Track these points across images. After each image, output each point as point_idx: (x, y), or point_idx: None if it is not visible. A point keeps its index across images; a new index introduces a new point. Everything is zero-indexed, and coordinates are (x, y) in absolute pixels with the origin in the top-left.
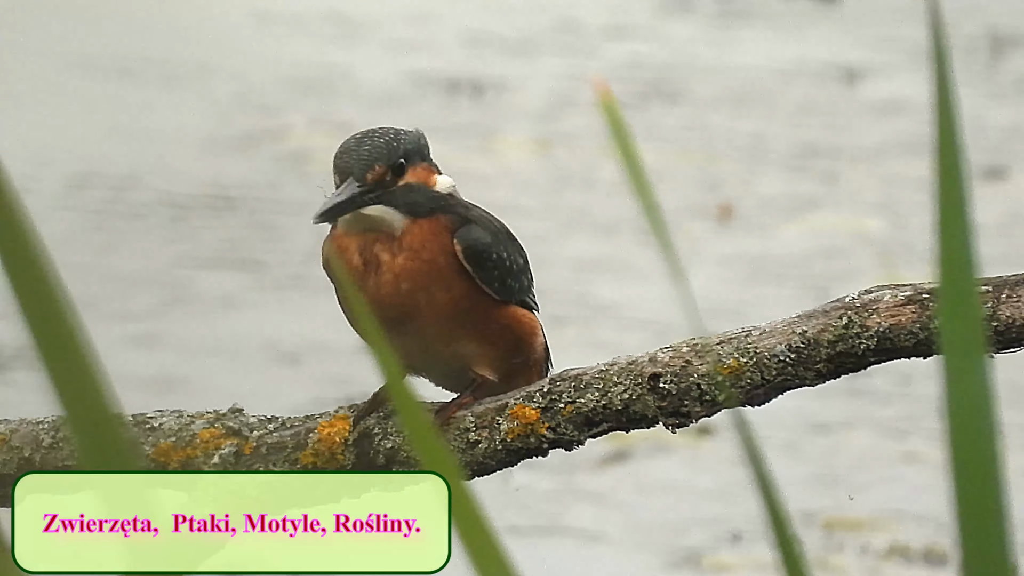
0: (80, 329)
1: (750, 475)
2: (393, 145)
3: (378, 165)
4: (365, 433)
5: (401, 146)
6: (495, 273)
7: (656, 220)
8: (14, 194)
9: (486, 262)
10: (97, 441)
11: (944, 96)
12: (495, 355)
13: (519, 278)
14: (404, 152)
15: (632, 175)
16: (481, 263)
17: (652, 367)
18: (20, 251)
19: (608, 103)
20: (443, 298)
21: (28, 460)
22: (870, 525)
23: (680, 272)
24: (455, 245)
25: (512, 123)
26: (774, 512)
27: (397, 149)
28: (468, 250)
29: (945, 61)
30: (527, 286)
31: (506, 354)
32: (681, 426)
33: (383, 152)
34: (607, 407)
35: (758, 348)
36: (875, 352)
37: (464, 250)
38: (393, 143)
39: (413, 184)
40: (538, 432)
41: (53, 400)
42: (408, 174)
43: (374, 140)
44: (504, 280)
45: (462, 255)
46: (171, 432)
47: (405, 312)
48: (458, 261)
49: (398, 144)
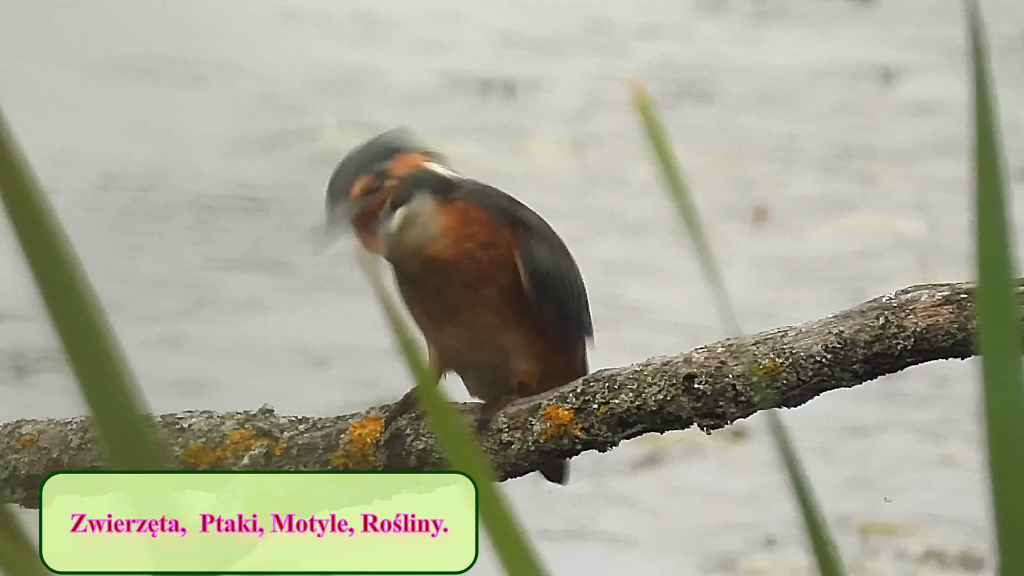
0: (107, 331)
1: (784, 478)
2: (365, 156)
3: (358, 179)
4: (397, 434)
5: (373, 152)
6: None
7: (691, 221)
8: (41, 195)
9: (550, 292)
10: (125, 442)
11: (982, 95)
12: (537, 355)
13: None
14: (376, 155)
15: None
16: (546, 295)
17: (687, 368)
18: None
19: (643, 103)
20: (491, 289)
21: (56, 461)
22: (906, 529)
23: (715, 273)
24: (521, 269)
25: (543, 123)
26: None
27: (369, 158)
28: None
29: (983, 60)
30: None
31: (547, 354)
32: (716, 427)
33: (357, 166)
34: (641, 408)
35: (794, 349)
36: (912, 353)
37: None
38: (365, 154)
39: (405, 175)
40: (571, 433)
41: (81, 401)
42: (395, 168)
43: (345, 163)
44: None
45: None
46: (201, 433)
47: (451, 304)
48: (509, 254)
49: (369, 153)
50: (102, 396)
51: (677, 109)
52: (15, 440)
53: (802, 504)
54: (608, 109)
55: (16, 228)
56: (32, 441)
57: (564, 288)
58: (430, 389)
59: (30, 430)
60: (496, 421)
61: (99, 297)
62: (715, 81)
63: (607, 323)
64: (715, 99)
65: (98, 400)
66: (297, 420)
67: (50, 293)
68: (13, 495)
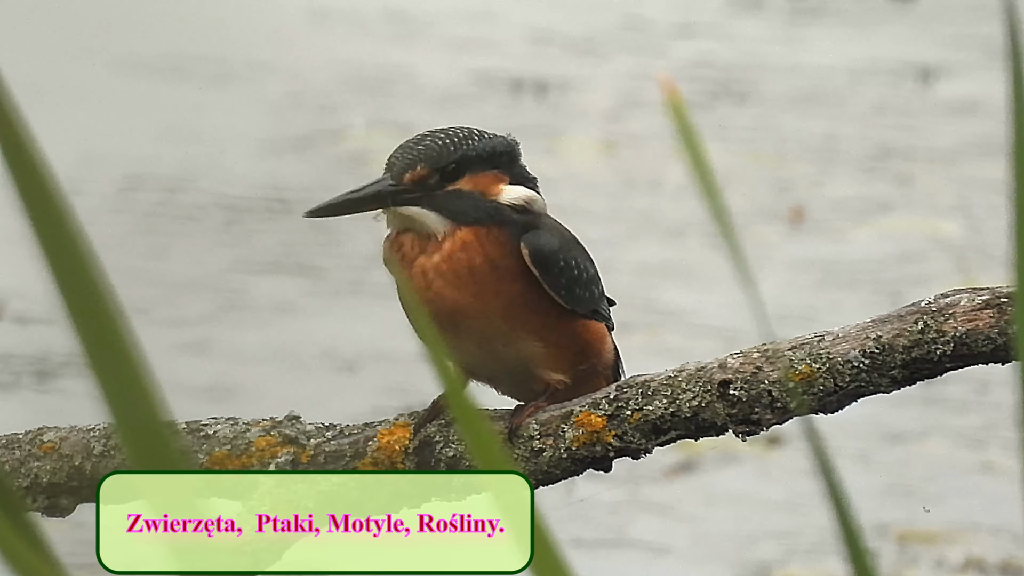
0: (131, 335)
1: (821, 486)
2: (448, 148)
3: (420, 166)
4: (426, 441)
5: (459, 151)
6: (562, 280)
7: (725, 224)
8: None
9: (553, 267)
10: (149, 449)
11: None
12: (560, 360)
13: (589, 287)
14: (461, 157)
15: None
16: (548, 267)
17: (722, 373)
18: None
19: (675, 103)
20: (493, 300)
21: (79, 469)
22: (945, 538)
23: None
24: (522, 248)
25: (577, 124)
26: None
27: (451, 153)
28: (535, 253)
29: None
30: (598, 297)
31: (572, 360)
32: (751, 434)
33: (432, 154)
34: (675, 414)
35: (831, 354)
36: (951, 358)
37: (531, 253)
38: (449, 146)
39: (464, 191)
40: (604, 440)
41: (104, 408)
42: (463, 180)
43: (430, 141)
44: (572, 288)
45: (529, 258)
46: (226, 440)
47: (451, 310)
48: (520, 264)
49: (456, 148)
50: (125, 402)
51: (714, 109)
52: (37, 447)
53: (839, 512)
54: (644, 109)
55: (37, 230)
56: (54, 448)
57: (571, 267)
58: (459, 395)
59: (52, 437)
60: (527, 428)
61: (124, 301)
62: (752, 80)
63: (643, 327)
64: (752, 99)
65: (121, 406)
66: (324, 427)
67: (72, 297)
68: (35, 503)
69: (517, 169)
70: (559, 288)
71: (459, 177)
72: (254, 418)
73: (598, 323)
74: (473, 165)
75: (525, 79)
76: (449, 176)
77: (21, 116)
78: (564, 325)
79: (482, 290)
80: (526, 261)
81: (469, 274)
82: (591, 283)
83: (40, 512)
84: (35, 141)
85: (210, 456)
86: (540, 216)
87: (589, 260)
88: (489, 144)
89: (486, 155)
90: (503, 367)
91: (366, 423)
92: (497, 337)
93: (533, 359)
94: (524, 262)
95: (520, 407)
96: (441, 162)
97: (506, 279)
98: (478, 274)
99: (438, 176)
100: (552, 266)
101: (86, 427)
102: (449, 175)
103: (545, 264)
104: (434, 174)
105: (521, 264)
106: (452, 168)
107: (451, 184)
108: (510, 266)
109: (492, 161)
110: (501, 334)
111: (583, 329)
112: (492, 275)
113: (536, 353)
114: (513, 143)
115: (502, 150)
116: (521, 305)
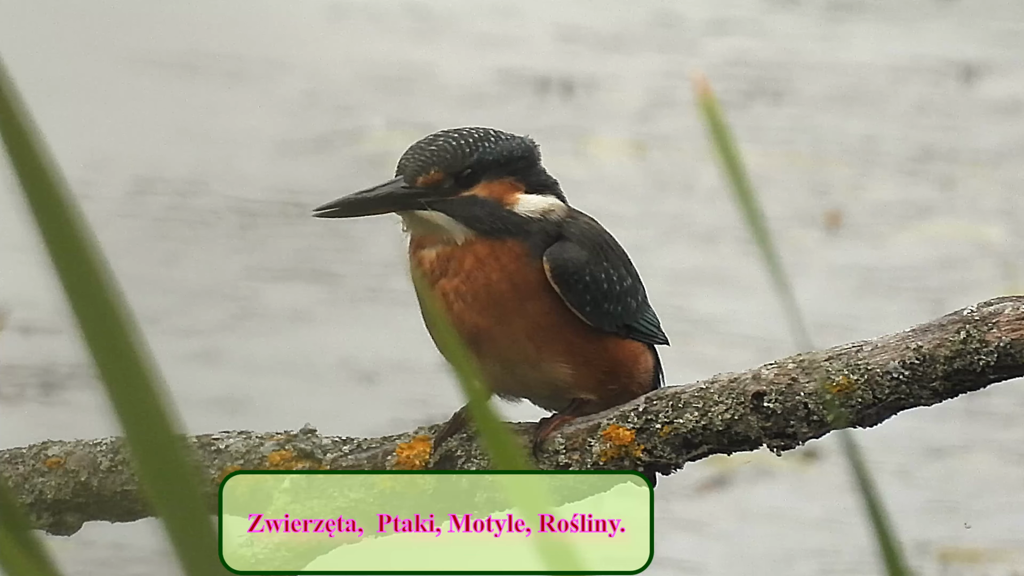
0: (141, 345)
1: (860, 502)
2: (464, 152)
3: (435, 170)
4: (447, 455)
5: (475, 155)
6: (587, 296)
7: (759, 228)
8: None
9: (577, 283)
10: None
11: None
12: (589, 379)
13: (622, 300)
14: (477, 162)
15: (733, 180)
16: (571, 284)
17: (755, 385)
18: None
19: (708, 103)
20: (516, 320)
21: (85, 485)
22: (989, 556)
23: (785, 284)
24: (544, 264)
25: (606, 124)
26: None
27: (466, 157)
28: (557, 270)
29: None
30: (635, 309)
31: (602, 380)
32: (786, 448)
33: (447, 157)
34: (707, 428)
35: (869, 364)
36: (995, 369)
37: (552, 269)
38: (465, 149)
39: (479, 198)
40: (633, 455)
41: (112, 421)
42: (479, 187)
43: (444, 143)
44: (600, 304)
45: (550, 275)
46: (238, 455)
47: (471, 333)
48: (542, 281)
49: (471, 152)
50: (134, 415)
51: (749, 108)
52: (41, 462)
53: (878, 529)
54: (675, 109)
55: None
56: (59, 463)
57: (599, 282)
58: (482, 408)
59: (57, 452)
60: (552, 442)
61: (133, 309)
62: (789, 79)
63: (675, 336)
64: (788, 98)
65: (130, 419)
66: (341, 441)
67: (80, 305)
68: (39, 521)
69: (535, 174)
70: (583, 305)
71: (475, 183)
72: (268, 432)
73: (633, 343)
74: (489, 170)
75: (551, 78)
76: (464, 181)
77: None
78: (593, 344)
79: (503, 312)
80: (548, 278)
81: (487, 295)
82: (625, 295)
83: (45, 530)
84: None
85: (222, 471)
86: (571, 219)
87: (625, 267)
88: (506, 147)
89: (503, 160)
90: (528, 390)
91: (384, 437)
92: (522, 359)
93: (560, 380)
94: (547, 277)
95: (545, 420)
96: (456, 167)
97: (529, 297)
98: (497, 294)
99: (452, 181)
100: (576, 283)
101: (92, 441)
102: (464, 180)
103: (568, 281)
104: (448, 179)
105: (544, 280)
106: (468, 173)
107: (466, 190)
108: (532, 283)
109: (509, 166)
110: (526, 356)
111: (615, 348)
112: (513, 294)
113: (563, 375)
114: (531, 145)
115: (520, 154)
116: (546, 326)
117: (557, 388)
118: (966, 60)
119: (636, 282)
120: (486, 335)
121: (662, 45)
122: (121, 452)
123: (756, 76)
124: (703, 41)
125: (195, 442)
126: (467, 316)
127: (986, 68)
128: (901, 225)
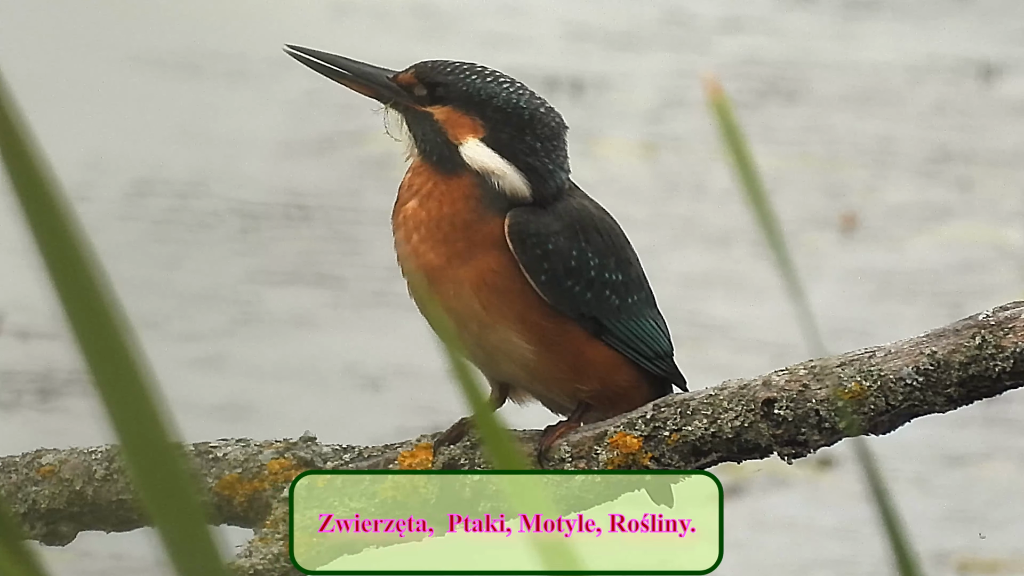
0: (138, 351)
1: (876, 511)
2: (448, 72)
3: (412, 71)
4: (450, 463)
5: (459, 81)
6: (544, 265)
7: (772, 231)
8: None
9: (535, 247)
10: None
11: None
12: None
13: (593, 287)
14: (451, 84)
15: (746, 182)
16: (526, 247)
17: (766, 391)
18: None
19: (719, 103)
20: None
21: (80, 494)
22: (1008, 566)
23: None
24: (506, 220)
25: (616, 124)
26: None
27: (444, 75)
28: (514, 227)
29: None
30: (614, 307)
31: (569, 376)
32: (798, 456)
33: (428, 67)
34: (716, 435)
35: (882, 371)
36: (1011, 375)
37: (511, 226)
38: (455, 73)
39: (432, 119)
40: (640, 463)
41: (108, 428)
42: (443, 110)
43: (448, 61)
44: (559, 279)
45: (507, 230)
46: (236, 463)
47: (426, 270)
48: (498, 236)
49: (456, 77)
50: (131, 422)
51: (762, 109)
52: (34, 471)
53: (895, 539)
54: (687, 109)
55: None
56: (53, 472)
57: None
58: (485, 415)
59: (51, 460)
60: (557, 449)
61: (133, 314)
62: (803, 79)
63: (686, 341)
64: (803, 98)
65: (126, 426)
66: (342, 449)
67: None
68: (33, 531)
69: (520, 140)
70: (539, 273)
71: (440, 104)
72: (267, 439)
73: (607, 348)
74: (460, 100)
75: (560, 77)
76: (434, 99)
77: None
78: (551, 323)
79: (452, 253)
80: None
81: (438, 229)
82: (602, 285)
83: (39, 540)
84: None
85: (219, 480)
86: (566, 193)
87: (617, 262)
88: (500, 93)
89: (482, 99)
90: (495, 364)
91: (386, 445)
92: (471, 316)
93: (520, 357)
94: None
95: (551, 427)
96: (427, 77)
97: (479, 246)
98: (447, 230)
99: (425, 92)
100: (534, 246)
101: (87, 449)
102: (435, 98)
103: (525, 242)
104: (420, 86)
105: (501, 236)
106: (439, 90)
107: (427, 107)
108: (484, 233)
109: (484, 109)
110: (473, 312)
111: (582, 341)
112: (462, 235)
113: (522, 350)
114: (541, 115)
115: (511, 109)
116: (493, 284)
117: (526, 367)
118: (985, 59)
119: (630, 284)
120: (438, 276)
121: (673, 44)
122: (117, 460)
123: (769, 75)
124: (715, 40)
125: (192, 450)
126: (421, 250)
127: (1005, 67)
128: (918, 228)
